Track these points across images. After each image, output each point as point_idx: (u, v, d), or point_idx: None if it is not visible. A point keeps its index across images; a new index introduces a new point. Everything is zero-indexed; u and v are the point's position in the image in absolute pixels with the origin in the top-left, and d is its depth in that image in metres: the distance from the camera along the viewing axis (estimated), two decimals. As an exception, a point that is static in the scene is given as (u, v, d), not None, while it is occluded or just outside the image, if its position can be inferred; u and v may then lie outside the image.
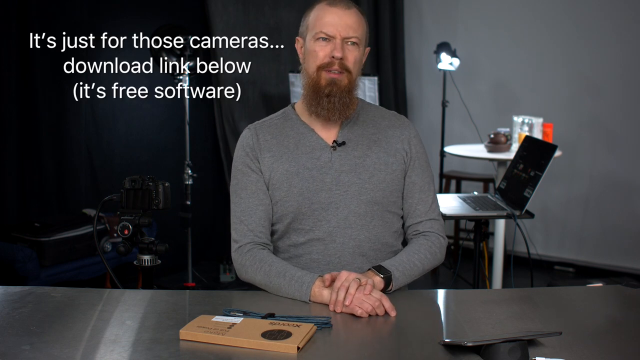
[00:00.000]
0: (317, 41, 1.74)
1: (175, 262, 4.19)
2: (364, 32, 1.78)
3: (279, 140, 1.80)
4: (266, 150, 1.79)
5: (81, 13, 4.04)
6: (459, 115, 4.97)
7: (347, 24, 1.73)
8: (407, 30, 5.19)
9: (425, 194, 1.82)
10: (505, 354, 1.18)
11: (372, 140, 1.80)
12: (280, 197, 1.75)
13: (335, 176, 1.75)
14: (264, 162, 1.78)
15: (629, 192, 4.50)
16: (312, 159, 1.77)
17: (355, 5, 1.79)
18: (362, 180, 1.75)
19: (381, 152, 1.79)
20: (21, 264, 3.38)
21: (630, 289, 1.65)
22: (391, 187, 1.78)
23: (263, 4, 4.64)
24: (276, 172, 1.76)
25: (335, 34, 1.72)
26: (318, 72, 1.75)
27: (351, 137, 1.79)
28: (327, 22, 1.73)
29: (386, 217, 1.78)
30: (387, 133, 1.82)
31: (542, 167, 2.66)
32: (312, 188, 1.74)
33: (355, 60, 1.75)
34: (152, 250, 1.75)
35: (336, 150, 1.77)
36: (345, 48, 1.73)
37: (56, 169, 4.03)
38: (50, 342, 1.27)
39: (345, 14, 1.74)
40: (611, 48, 4.46)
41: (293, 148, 1.78)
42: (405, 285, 1.82)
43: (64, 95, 4.03)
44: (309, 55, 1.76)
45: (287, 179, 1.75)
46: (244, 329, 1.30)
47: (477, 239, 2.93)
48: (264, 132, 1.82)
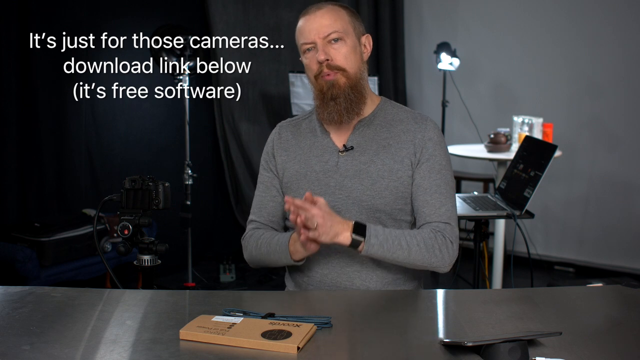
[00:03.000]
0: (305, 54, 1.76)
1: (175, 262, 4.19)
2: (346, 23, 1.74)
3: (297, 141, 1.84)
4: (283, 149, 1.83)
5: (81, 13, 4.04)
6: (459, 115, 4.97)
7: (320, 24, 1.72)
8: (407, 30, 5.19)
9: (430, 196, 1.72)
10: (505, 354, 1.18)
11: (381, 146, 1.76)
12: (290, 196, 1.76)
13: (340, 181, 1.75)
14: (279, 161, 1.83)
15: (629, 192, 4.50)
16: (321, 162, 1.78)
17: (329, 3, 1.77)
18: (364, 187, 1.74)
19: (388, 159, 1.75)
20: (21, 264, 3.38)
21: (630, 289, 1.65)
22: (395, 194, 1.73)
23: (263, 4, 4.64)
24: (288, 172, 1.81)
25: (313, 39, 1.72)
26: (317, 81, 1.76)
27: (361, 141, 1.78)
28: (304, 32, 1.74)
29: (390, 224, 1.74)
30: (399, 138, 1.76)
31: (542, 167, 2.66)
32: (317, 191, 1.74)
33: (346, 55, 1.72)
34: (152, 250, 1.75)
35: (343, 154, 1.77)
36: (330, 47, 1.72)
37: (56, 169, 4.03)
38: (50, 342, 1.27)
39: (317, 15, 1.73)
40: (611, 48, 4.46)
41: (307, 150, 1.81)
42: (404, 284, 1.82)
43: (64, 95, 4.03)
44: (306, 70, 1.79)
45: (296, 180, 1.79)
46: (244, 329, 1.30)
47: (477, 239, 2.93)
48: (287, 131, 1.87)
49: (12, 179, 3.80)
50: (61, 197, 4.05)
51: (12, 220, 3.77)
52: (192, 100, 4.05)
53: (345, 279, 1.73)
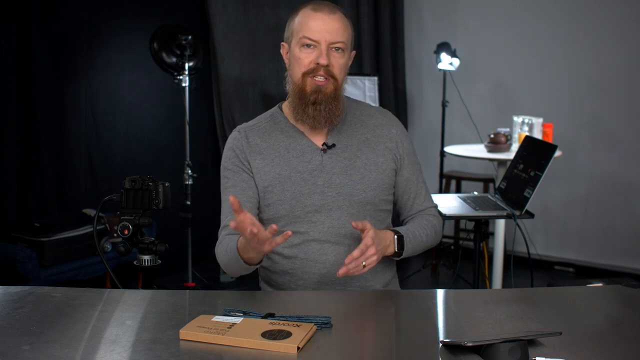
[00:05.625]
0: (302, 47, 1.73)
1: (175, 262, 4.19)
2: (349, 37, 1.76)
3: (269, 144, 1.79)
4: (256, 153, 1.78)
5: (81, 13, 4.04)
6: (459, 115, 4.97)
7: (332, 29, 1.71)
8: (407, 30, 5.19)
9: (419, 187, 1.87)
10: (505, 354, 1.18)
11: (361, 141, 1.81)
12: (273, 200, 1.75)
13: (327, 179, 1.75)
14: (255, 165, 1.77)
15: (629, 192, 4.50)
16: (303, 162, 1.77)
17: (339, 10, 1.77)
18: (354, 182, 1.76)
19: (371, 153, 1.80)
20: (21, 264, 3.38)
21: (630, 289, 1.65)
22: (382, 186, 1.80)
23: (263, 4, 4.64)
24: (268, 176, 1.76)
25: (320, 39, 1.70)
26: (303, 79, 1.73)
27: (340, 138, 1.80)
28: (311, 28, 1.71)
29: (378, 216, 1.80)
30: (375, 132, 1.83)
31: (542, 167, 2.66)
32: (304, 191, 1.74)
33: (341, 67, 1.74)
34: (152, 250, 1.75)
35: (326, 152, 1.78)
36: (331, 54, 1.71)
37: (56, 169, 4.02)
38: (50, 342, 1.27)
39: (330, 18, 1.72)
40: (611, 48, 4.46)
41: (284, 151, 1.78)
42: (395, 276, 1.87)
43: (64, 95, 4.04)
44: (294, 62, 1.74)
45: (279, 182, 1.75)
46: (244, 329, 1.30)
47: (477, 239, 2.93)
48: (254, 135, 1.81)
49: (12, 179, 3.80)
50: (61, 197, 4.05)
51: (12, 220, 3.76)
52: (192, 100, 4.05)
53: (347, 278, 1.73)
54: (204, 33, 4.56)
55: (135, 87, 4.37)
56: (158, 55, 3.98)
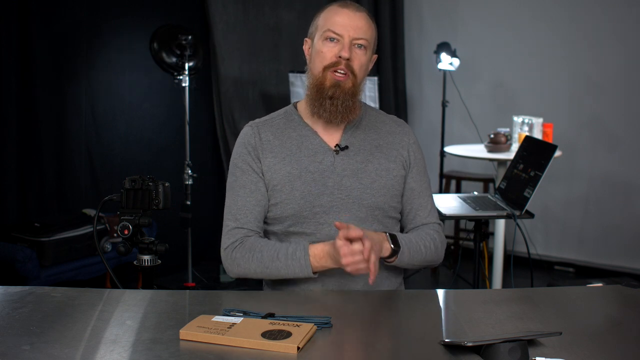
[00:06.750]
0: (325, 41, 1.73)
1: (175, 262, 4.19)
2: (373, 37, 1.78)
3: (281, 142, 1.79)
4: (268, 150, 1.77)
5: (81, 13, 4.04)
6: (459, 115, 4.97)
7: (356, 25, 1.73)
8: (407, 30, 5.19)
9: (424, 199, 1.83)
10: (505, 354, 1.18)
11: (374, 146, 1.81)
12: (282, 199, 1.74)
13: (337, 180, 1.75)
14: (265, 163, 1.76)
15: (629, 192, 4.50)
16: (315, 162, 1.76)
17: (365, 10, 1.79)
18: (364, 186, 1.75)
19: (382, 158, 1.79)
20: (21, 264, 3.38)
21: (630, 289, 1.65)
22: (391, 192, 1.78)
23: (263, 4, 4.64)
24: (278, 174, 1.75)
25: (343, 33, 1.72)
26: (323, 73, 1.73)
27: (354, 141, 1.79)
28: (336, 22, 1.73)
29: (386, 222, 1.78)
30: (388, 139, 1.83)
31: (542, 167, 2.66)
32: (314, 191, 1.73)
33: (362, 64, 1.74)
34: (152, 250, 1.75)
35: (339, 154, 1.77)
36: (353, 50, 1.72)
37: (56, 169, 4.03)
38: (50, 342, 1.27)
39: (355, 15, 1.74)
40: (611, 48, 4.47)
41: (295, 150, 1.77)
42: (402, 284, 1.84)
43: (64, 95, 4.04)
44: (316, 55, 1.75)
45: (289, 181, 1.74)
46: (244, 329, 1.30)
47: (477, 239, 2.93)
48: (266, 131, 1.80)
49: (12, 179, 3.80)
50: (61, 197, 4.05)
51: (12, 220, 3.76)
52: (192, 100, 4.05)
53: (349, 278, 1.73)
54: (204, 33, 4.56)
55: (135, 87, 4.37)
56: (158, 55, 3.98)
